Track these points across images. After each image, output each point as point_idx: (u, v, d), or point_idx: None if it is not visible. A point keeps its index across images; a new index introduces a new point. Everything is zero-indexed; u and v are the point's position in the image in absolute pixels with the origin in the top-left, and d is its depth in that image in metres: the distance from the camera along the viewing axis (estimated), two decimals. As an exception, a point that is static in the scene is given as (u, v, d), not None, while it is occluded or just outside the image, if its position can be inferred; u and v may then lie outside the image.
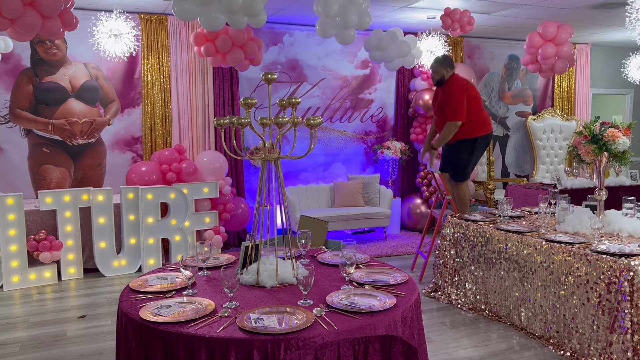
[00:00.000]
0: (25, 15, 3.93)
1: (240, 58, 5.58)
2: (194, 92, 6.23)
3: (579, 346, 3.31)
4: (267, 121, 2.34)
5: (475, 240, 4.21)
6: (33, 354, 3.61)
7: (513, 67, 8.26)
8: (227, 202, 5.92)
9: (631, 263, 3.01)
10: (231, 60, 5.56)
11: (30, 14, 3.95)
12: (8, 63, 5.56)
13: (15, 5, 3.84)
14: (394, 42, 5.72)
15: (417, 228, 7.28)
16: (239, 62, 5.64)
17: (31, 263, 5.16)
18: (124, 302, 2.20)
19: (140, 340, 1.97)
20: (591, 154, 3.83)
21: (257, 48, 5.72)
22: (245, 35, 5.53)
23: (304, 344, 1.81)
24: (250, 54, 5.66)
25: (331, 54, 7.05)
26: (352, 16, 4.70)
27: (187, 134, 6.21)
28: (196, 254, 2.51)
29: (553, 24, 5.90)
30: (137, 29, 5.79)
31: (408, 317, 2.08)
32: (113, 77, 6.02)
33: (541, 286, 3.60)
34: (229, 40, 5.46)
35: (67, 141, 5.85)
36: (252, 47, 5.64)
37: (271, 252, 2.59)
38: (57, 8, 4.02)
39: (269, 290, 2.32)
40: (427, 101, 7.01)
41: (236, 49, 5.55)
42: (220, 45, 5.45)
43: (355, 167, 7.39)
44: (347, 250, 2.33)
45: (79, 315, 4.35)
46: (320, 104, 7.08)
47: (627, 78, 7.82)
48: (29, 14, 3.94)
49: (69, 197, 5.29)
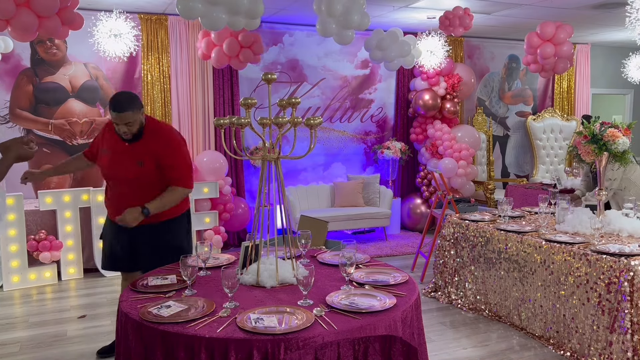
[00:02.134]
0: (20, 15, 3.92)
1: (249, 57, 5.69)
2: (194, 92, 6.23)
3: (579, 346, 3.31)
4: (267, 121, 2.33)
5: (475, 240, 4.21)
6: (33, 354, 3.61)
7: (513, 67, 8.26)
8: (227, 202, 5.92)
9: (631, 263, 3.01)
10: (240, 60, 5.68)
11: (25, 13, 3.94)
12: (8, 63, 5.56)
13: (7, 6, 3.83)
14: (394, 42, 5.72)
15: (417, 228, 7.28)
16: (248, 61, 5.75)
17: (31, 263, 5.16)
18: (124, 302, 2.20)
19: (140, 340, 1.96)
20: (591, 154, 3.83)
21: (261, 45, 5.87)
22: (252, 38, 5.60)
23: (304, 344, 1.81)
24: (258, 53, 5.77)
25: (331, 54, 7.05)
26: (354, 16, 4.70)
27: (187, 134, 6.21)
28: (196, 254, 2.51)
29: (551, 24, 5.89)
30: (137, 29, 5.79)
31: (408, 317, 2.08)
32: (113, 77, 6.02)
33: (541, 286, 3.60)
34: (237, 43, 5.58)
35: (67, 141, 5.85)
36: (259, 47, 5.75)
37: (271, 252, 2.58)
38: (52, 7, 4.01)
39: (269, 290, 2.32)
40: (427, 101, 7.01)
41: (245, 50, 5.64)
42: (228, 49, 5.55)
43: (355, 167, 7.39)
44: (347, 250, 2.32)
45: (79, 315, 4.35)
46: (320, 104, 7.08)
47: (627, 78, 7.81)
48: (24, 14, 3.93)
49: (69, 197, 5.29)
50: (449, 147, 6.90)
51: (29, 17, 3.96)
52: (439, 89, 7.09)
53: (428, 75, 7.05)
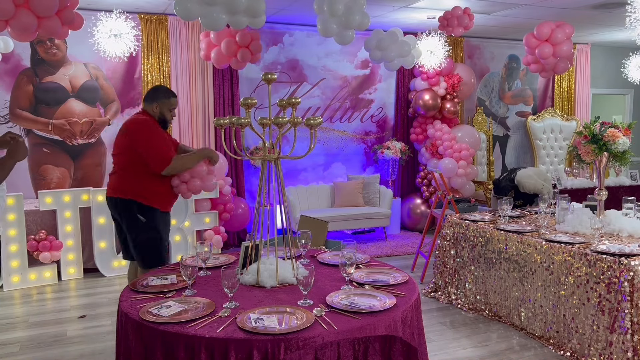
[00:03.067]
0: (19, 15, 3.92)
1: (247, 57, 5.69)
2: (194, 92, 6.23)
3: (579, 346, 3.31)
4: (267, 121, 2.33)
5: (475, 240, 4.21)
6: (33, 354, 3.61)
7: (513, 67, 8.26)
8: (227, 202, 5.92)
9: (631, 263, 3.01)
10: (239, 60, 5.67)
11: (25, 14, 3.94)
12: (8, 63, 5.56)
13: (6, 6, 3.83)
14: (394, 42, 5.72)
15: (417, 228, 7.28)
16: (246, 61, 5.75)
17: (31, 263, 5.16)
18: (124, 302, 2.20)
19: (140, 340, 1.96)
20: (591, 154, 3.83)
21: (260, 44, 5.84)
22: (250, 37, 5.60)
23: (304, 344, 1.81)
24: (256, 52, 5.76)
25: (331, 54, 7.05)
26: (355, 16, 4.70)
27: (187, 133, 6.21)
28: (196, 254, 2.51)
29: (549, 24, 5.88)
30: (137, 29, 5.79)
31: (408, 317, 2.08)
32: (113, 77, 6.02)
33: (541, 286, 3.60)
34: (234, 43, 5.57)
35: (67, 141, 5.85)
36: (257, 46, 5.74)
37: (271, 252, 2.59)
38: (51, 8, 4.01)
39: (269, 290, 2.32)
40: (427, 101, 7.01)
41: (243, 49, 5.65)
42: (226, 49, 5.55)
43: (355, 167, 7.39)
44: (347, 250, 2.32)
45: (79, 315, 4.35)
46: (320, 104, 7.08)
47: (627, 78, 7.81)
48: (23, 14, 3.93)
49: (69, 197, 5.29)
50: (449, 147, 6.90)
51: (28, 17, 3.96)
52: (439, 89, 7.09)
53: (428, 75, 7.05)
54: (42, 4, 3.96)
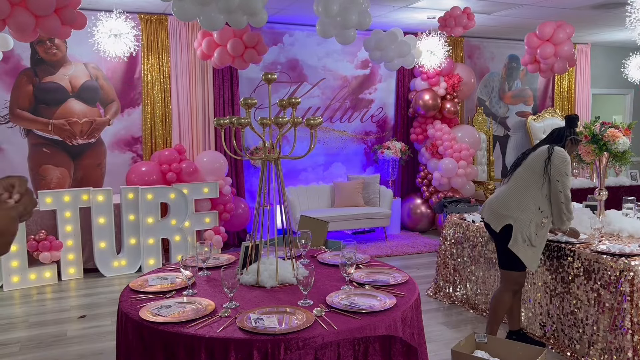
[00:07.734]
0: (15, 14, 3.91)
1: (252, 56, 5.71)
2: (194, 92, 6.23)
3: (579, 346, 3.31)
4: (267, 121, 2.33)
5: (475, 240, 4.20)
6: (33, 354, 3.61)
7: (513, 67, 8.26)
8: (227, 202, 5.92)
9: (631, 263, 3.01)
10: (242, 60, 5.69)
11: (21, 13, 3.93)
12: (8, 63, 5.56)
13: (2, 5, 3.83)
14: (393, 42, 5.72)
15: (417, 228, 7.28)
16: (250, 61, 5.76)
17: (31, 263, 5.16)
18: (124, 302, 2.20)
19: (140, 340, 1.96)
20: (591, 154, 3.83)
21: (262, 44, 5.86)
22: (256, 38, 5.63)
23: (304, 344, 1.81)
24: (262, 53, 5.78)
25: (331, 54, 7.05)
26: (352, 16, 4.70)
27: (187, 134, 6.21)
28: (196, 254, 2.51)
29: (551, 24, 5.89)
30: (137, 29, 5.79)
31: (408, 317, 2.08)
32: (113, 77, 6.02)
33: (541, 286, 3.60)
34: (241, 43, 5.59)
35: (67, 141, 5.85)
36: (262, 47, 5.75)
37: (271, 252, 2.58)
38: (48, 7, 4.00)
39: (269, 290, 2.32)
40: (427, 101, 7.01)
41: (249, 50, 5.67)
42: (232, 49, 5.57)
43: (355, 167, 7.39)
44: (347, 250, 2.32)
45: (79, 315, 4.35)
46: (320, 104, 7.08)
47: (627, 78, 7.81)
48: (20, 13, 3.93)
49: (69, 197, 5.29)
50: (449, 147, 6.90)
51: (25, 16, 3.95)
52: (439, 89, 7.09)
53: (428, 75, 7.05)
54: (39, 3, 3.95)
